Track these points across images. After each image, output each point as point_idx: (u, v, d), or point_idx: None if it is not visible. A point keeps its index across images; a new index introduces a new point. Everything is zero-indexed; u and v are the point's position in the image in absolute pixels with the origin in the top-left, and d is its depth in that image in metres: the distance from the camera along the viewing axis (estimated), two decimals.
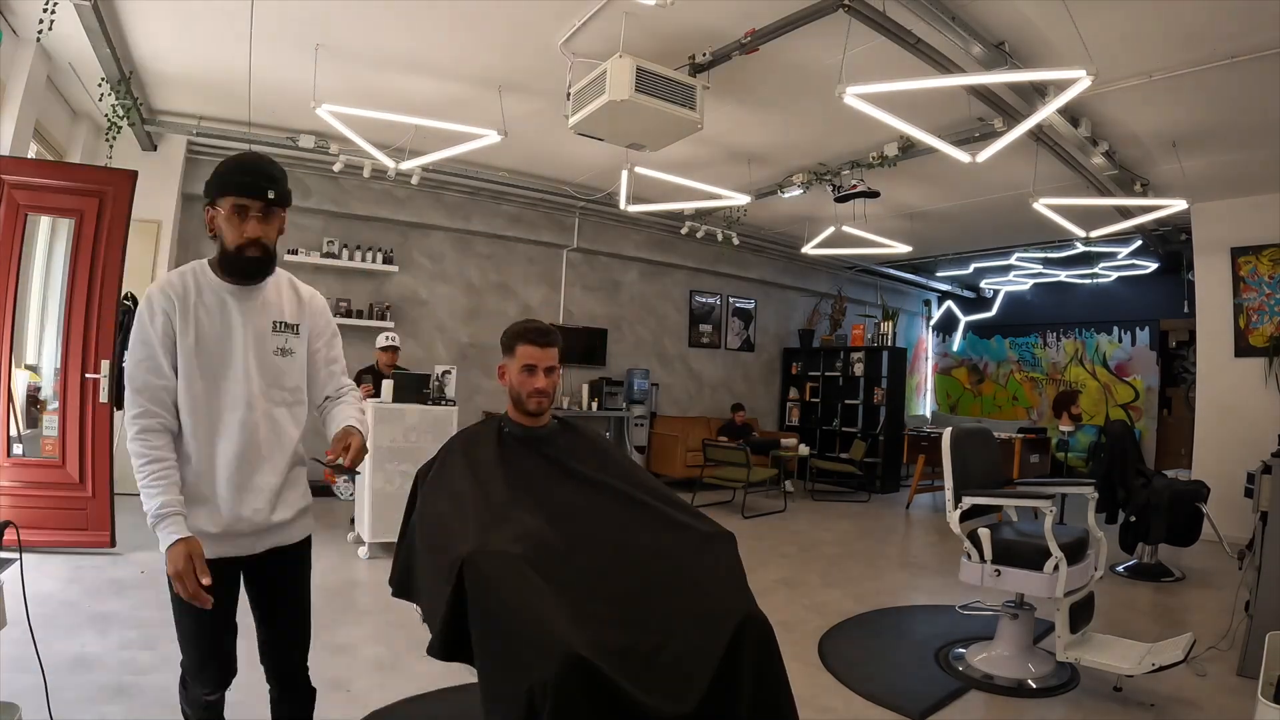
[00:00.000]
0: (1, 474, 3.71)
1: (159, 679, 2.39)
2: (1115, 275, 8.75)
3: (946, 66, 3.60)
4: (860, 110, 3.49)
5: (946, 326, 11.11)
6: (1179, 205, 5.07)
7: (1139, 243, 7.26)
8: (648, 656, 1.34)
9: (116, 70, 4.08)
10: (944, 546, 5.31)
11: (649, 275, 8.28)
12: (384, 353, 5.02)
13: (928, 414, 10.97)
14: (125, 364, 1.45)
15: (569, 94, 3.91)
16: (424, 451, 1.93)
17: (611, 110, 3.60)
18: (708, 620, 1.42)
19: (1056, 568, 2.61)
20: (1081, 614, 2.79)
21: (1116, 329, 9.11)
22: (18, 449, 3.81)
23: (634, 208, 5.95)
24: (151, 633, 2.78)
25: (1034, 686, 2.71)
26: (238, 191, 1.44)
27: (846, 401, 8.82)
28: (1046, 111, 3.68)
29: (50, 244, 4.62)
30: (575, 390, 7.55)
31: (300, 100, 4.39)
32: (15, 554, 1.53)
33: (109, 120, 4.41)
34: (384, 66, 4.31)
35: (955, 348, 10.94)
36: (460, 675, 1.53)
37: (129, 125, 4.64)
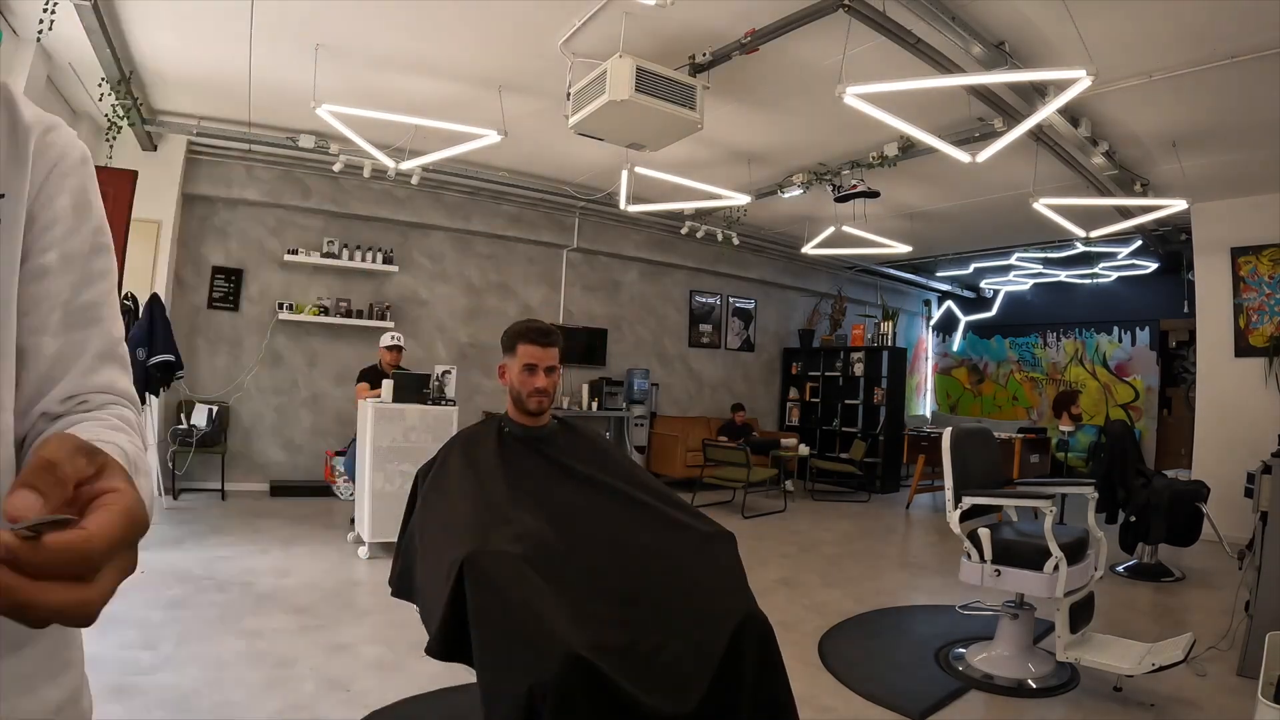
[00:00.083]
0: None
1: (159, 679, 2.39)
2: (1115, 275, 8.74)
3: (946, 66, 3.60)
4: (860, 110, 3.49)
5: (946, 326, 11.11)
6: (1179, 205, 5.07)
7: (1139, 243, 7.26)
8: (648, 656, 1.34)
9: (116, 70, 4.08)
10: (944, 546, 5.31)
11: (649, 275, 8.28)
12: (389, 351, 5.04)
13: (928, 414, 10.97)
14: None
15: (569, 94, 3.91)
16: (424, 451, 1.93)
17: (611, 110, 3.60)
18: (708, 620, 1.42)
19: (1056, 568, 2.61)
20: (1081, 614, 2.79)
21: (1116, 329, 9.11)
22: None
23: (634, 208, 5.95)
24: (151, 633, 2.78)
25: (1034, 686, 2.71)
26: None
27: (846, 401, 8.82)
28: (1046, 111, 3.68)
29: None
30: (575, 390, 7.55)
31: (300, 100, 4.39)
32: None
33: (109, 120, 4.41)
34: (384, 66, 4.31)
35: (955, 348, 10.94)
36: (460, 675, 1.53)
37: (129, 125, 4.64)
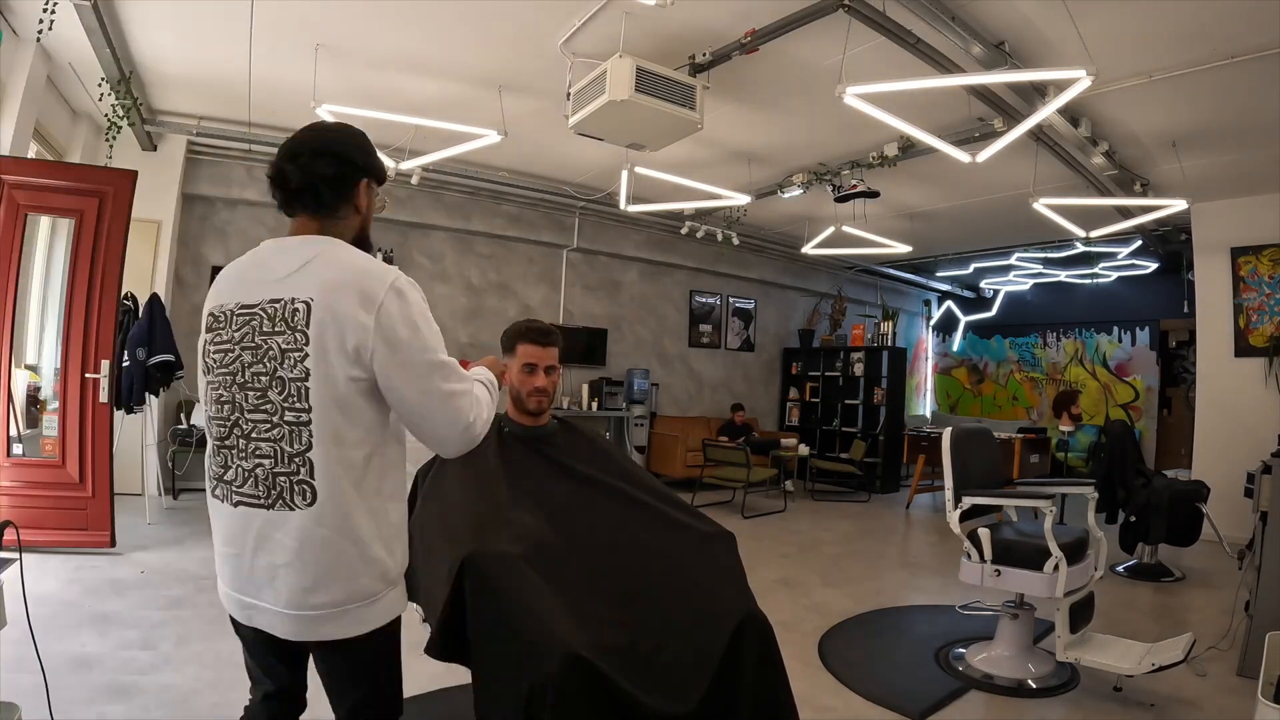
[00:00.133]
0: (1, 474, 3.71)
1: (159, 679, 2.39)
2: (1115, 275, 8.75)
3: (946, 66, 3.60)
4: (860, 110, 3.49)
5: (946, 326, 11.11)
6: (1179, 205, 5.07)
7: (1139, 243, 7.26)
8: (648, 656, 1.34)
9: (116, 70, 4.08)
10: (944, 546, 5.31)
11: (649, 275, 8.28)
12: None
13: (928, 414, 10.97)
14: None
15: (569, 94, 3.91)
16: (424, 451, 1.92)
17: (611, 110, 3.60)
18: (708, 620, 1.42)
19: (1056, 568, 2.61)
20: (1081, 614, 2.79)
21: (1116, 329, 9.11)
22: (18, 449, 3.81)
23: (634, 208, 5.95)
24: (151, 633, 2.78)
25: (1034, 686, 2.71)
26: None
27: (846, 401, 8.81)
28: (1046, 111, 3.68)
29: (50, 244, 4.62)
30: (575, 390, 7.54)
31: (300, 100, 4.39)
32: (15, 554, 1.53)
33: (109, 120, 4.41)
34: (384, 66, 4.31)
35: (955, 348, 10.94)
36: (460, 675, 1.53)
37: (129, 125, 4.64)
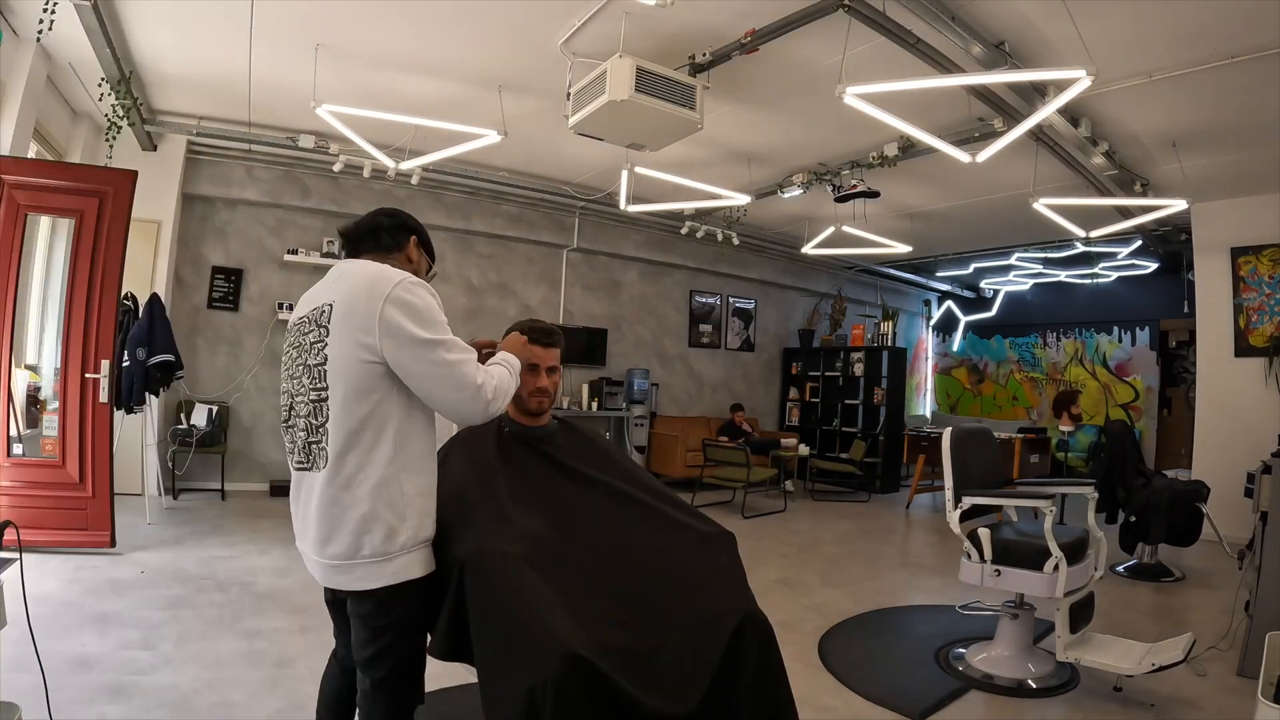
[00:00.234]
0: (1, 474, 3.71)
1: (159, 679, 2.39)
2: (1115, 275, 8.75)
3: (946, 66, 3.60)
4: (860, 110, 3.49)
5: (946, 326, 11.11)
6: (1179, 205, 5.07)
7: (1139, 243, 7.26)
8: (648, 656, 1.34)
9: (116, 70, 4.08)
10: (944, 546, 5.31)
11: (649, 275, 8.28)
12: None
13: (928, 414, 10.97)
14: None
15: (569, 94, 3.91)
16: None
17: (611, 110, 3.60)
18: (708, 620, 1.42)
19: (1056, 568, 2.62)
20: (1081, 614, 2.79)
21: (1116, 329, 9.11)
22: (18, 449, 3.81)
23: (634, 208, 5.95)
24: (151, 633, 2.78)
25: (1034, 686, 2.71)
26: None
27: (846, 401, 8.82)
28: (1046, 111, 3.68)
29: (50, 244, 4.62)
30: (575, 390, 7.54)
31: (300, 100, 4.39)
32: (15, 554, 1.54)
33: (109, 120, 4.41)
34: (384, 66, 4.31)
35: (955, 348, 10.94)
36: (460, 675, 1.53)
37: (129, 125, 4.64)
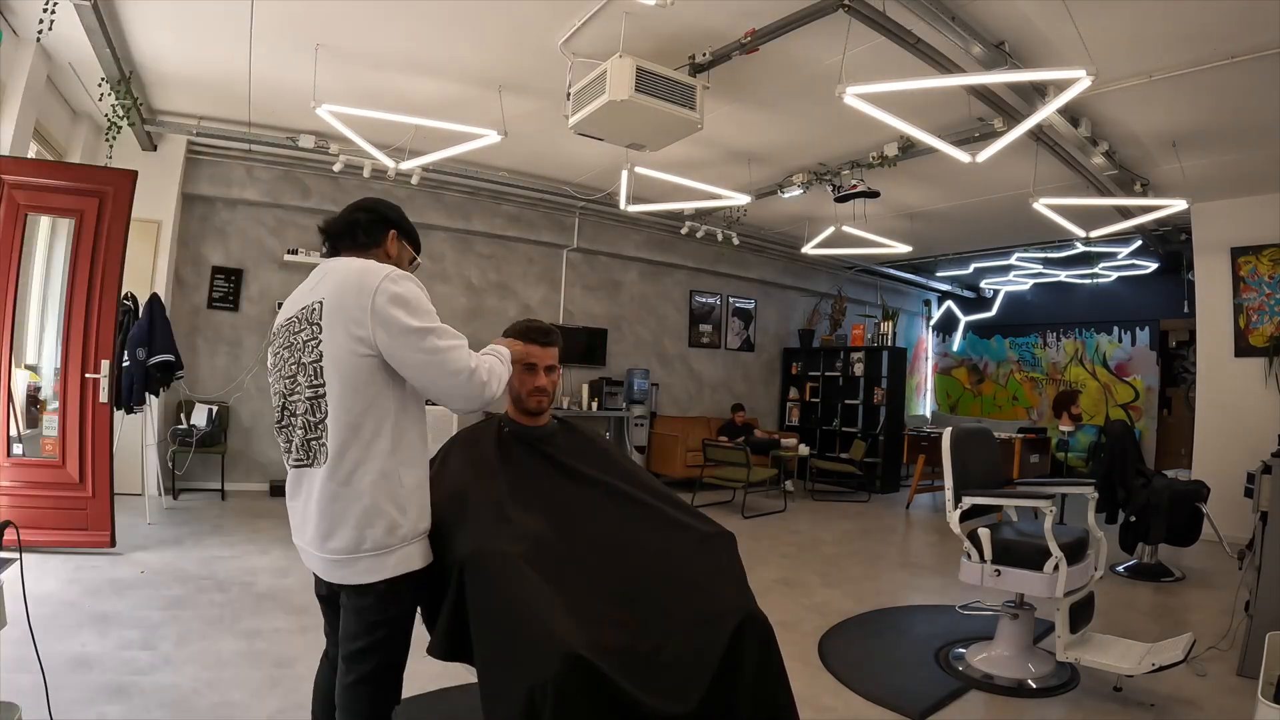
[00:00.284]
0: (1, 474, 3.71)
1: (159, 679, 2.39)
2: (1115, 275, 8.74)
3: (946, 66, 3.60)
4: (860, 110, 3.49)
5: (946, 326, 11.11)
6: (1179, 205, 5.07)
7: (1139, 243, 7.26)
8: (648, 656, 1.34)
9: (116, 70, 4.08)
10: (944, 546, 5.31)
11: (649, 275, 8.28)
12: None
13: (928, 414, 10.97)
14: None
15: (569, 94, 3.91)
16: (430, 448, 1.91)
17: (611, 110, 3.60)
18: (708, 620, 1.42)
19: (1056, 568, 2.62)
20: (1081, 614, 2.79)
21: (1116, 329, 9.11)
22: (18, 449, 3.81)
23: (634, 208, 5.95)
24: (151, 633, 2.78)
25: (1034, 686, 2.71)
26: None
27: (846, 401, 8.82)
28: (1046, 111, 3.68)
29: (50, 244, 4.62)
30: (575, 390, 7.54)
31: (300, 100, 4.39)
32: (15, 554, 1.54)
33: (109, 120, 4.41)
34: (384, 66, 4.31)
35: (955, 348, 10.94)
36: (460, 675, 1.53)
37: (129, 125, 4.63)
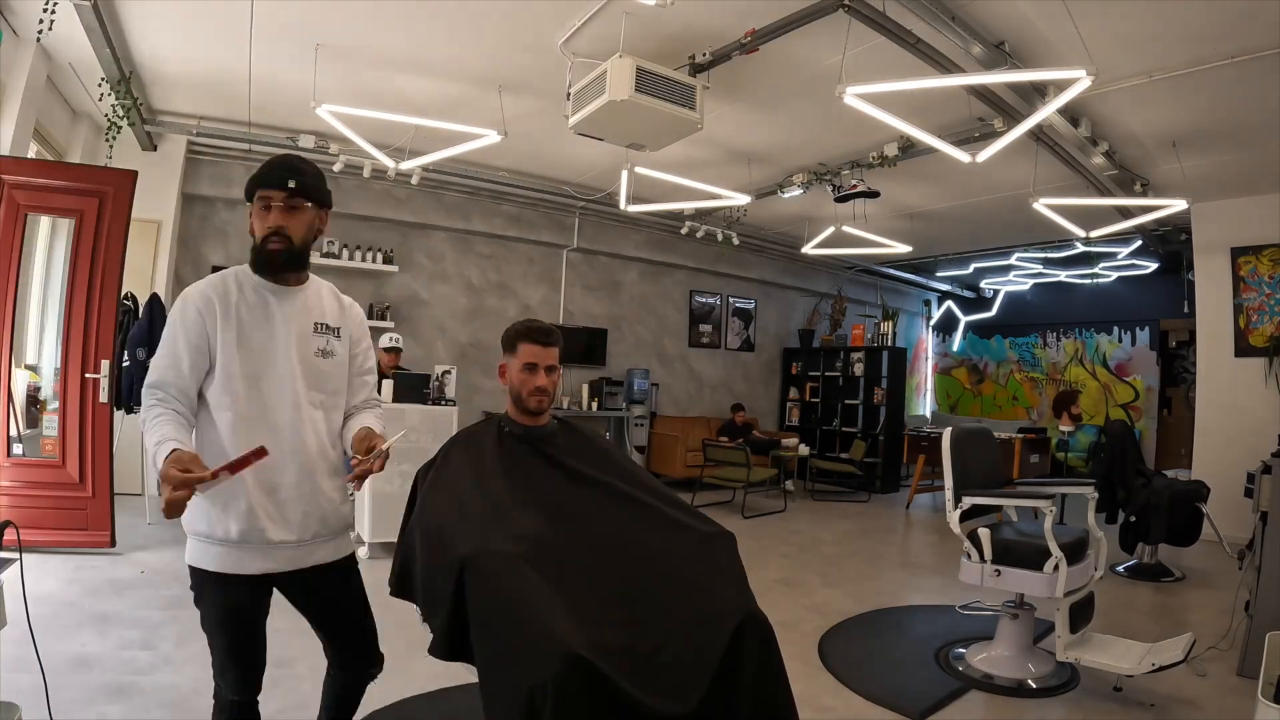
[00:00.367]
0: (1, 474, 3.71)
1: (159, 679, 2.39)
2: (1115, 275, 8.74)
3: (946, 66, 3.60)
4: (860, 110, 3.49)
5: (946, 326, 11.11)
6: (1179, 205, 5.07)
7: (1139, 243, 7.26)
8: (648, 656, 1.34)
9: (116, 70, 4.08)
10: (944, 546, 5.31)
11: (649, 275, 8.28)
12: (387, 354, 5.07)
13: (928, 414, 10.97)
14: (153, 359, 1.46)
15: (569, 94, 3.91)
16: (424, 451, 1.92)
17: (611, 110, 3.60)
18: (708, 620, 1.42)
19: (1056, 568, 2.62)
20: (1081, 614, 2.79)
21: (1116, 329, 9.11)
22: (18, 449, 3.81)
23: (634, 208, 5.95)
24: (151, 633, 2.78)
25: (1034, 686, 2.71)
26: (261, 183, 1.47)
27: (846, 401, 8.82)
28: (1046, 111, 3.68)
29: (50, 244, 4.62)
30: (575, 390, 7.54)
31: (300, 100, 4.39)
32: (15, 554, 1.53)
33: (109, 120, 4.41)
34: (384, 66, 4.31)
35: (955, 348, 10.94)
36: (460, 675, 1.53)
37: (129, 125, 4.63)
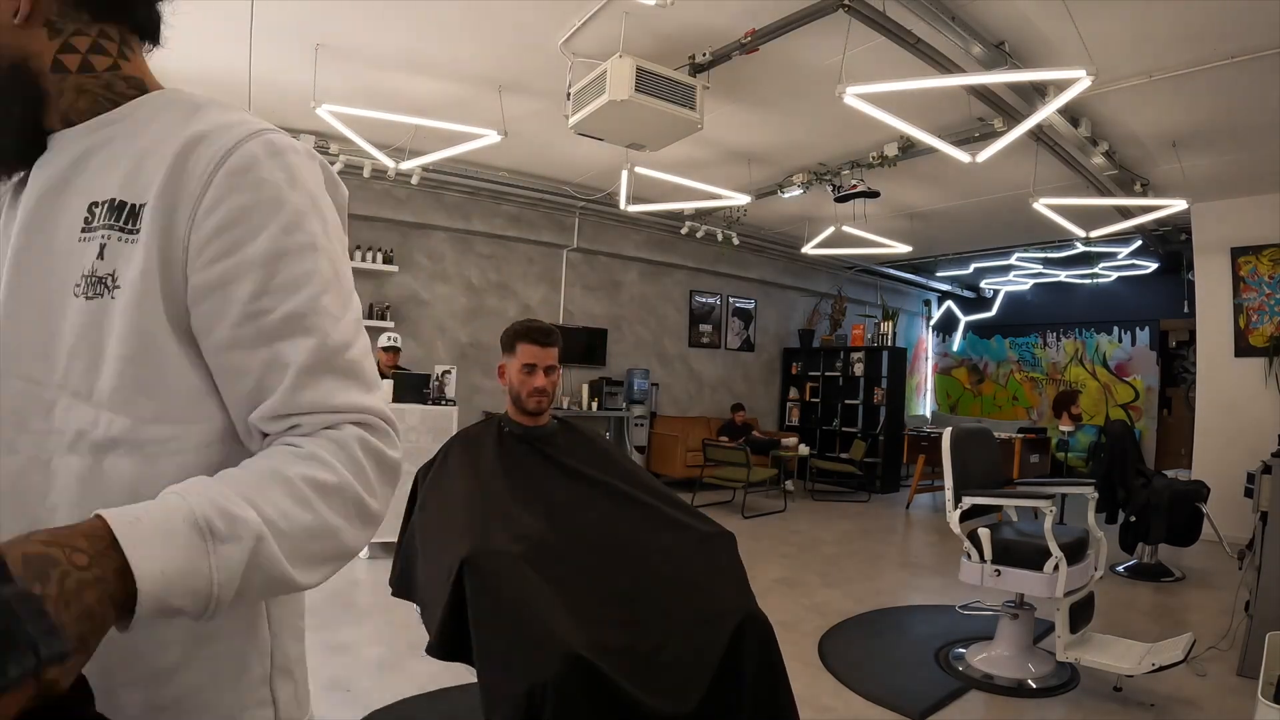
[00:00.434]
0: None
1: None
2: (1115, 275, 8.75)
3: (946, 66, 3.59)
4: (860, 110, 3.49)
5: (946, 326, 11.11)
6: (1179, 205, 5.07)
7: (1139, 243, 7.25)
8: (648, 656, 1.34)
9: None
10: (944, 546, 5.31)
11: (649, 275, 8.28)
12: (386, 353, 5.06)
13: (928, 414, 10.97)
14: None
15: (569, 94, 3.91)
16: (424, 451, 1.92)
17: (611, 110, 3.60)
18: (708, 620, 1.42)
19: (1056, 568, 2.62)
20: (1081, 614, 2.79)
21: (1116, 329, 9.11)
22: None
23: (634, 208, 5.95)
24: None
25: (1034, 686, 2.71)
26: None
27: (846, 401, 8.82)
28: (1046, 111, 3.68)
29: None
30: (575, 390, 7.54)
31: (300, 100, 4.39)
32: None
33: None
34: (384, 66, 4.31)
35: (955, 348, 10.94)
36: (460, 675, 1.53)
37: None
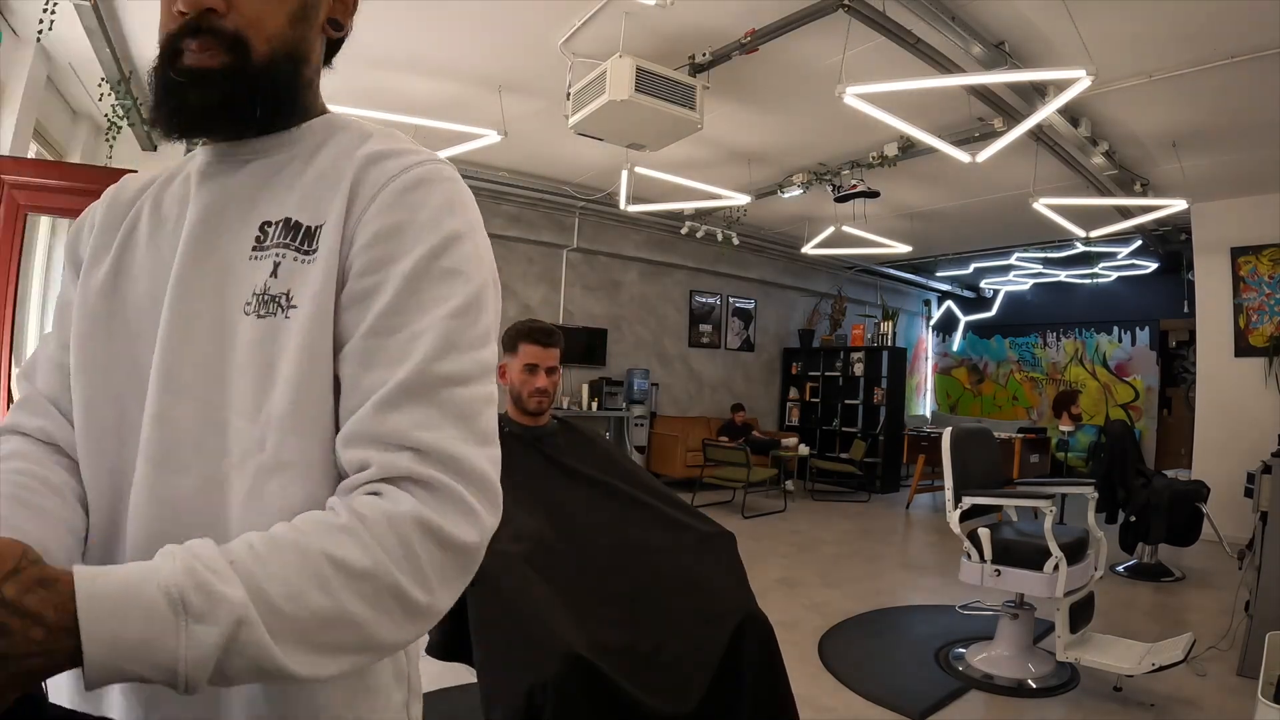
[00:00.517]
0: None
1: None
2: (1115, 275, 8.75)
3: (946, 66, 3.60)
4: (860, 110, 3.49)
5: (946, 326, 11.11)
6: (1179, 205, 5.07)
7: (1139, 243, 7.26)
8: (648, 656, 1.34)
9: (116, 70, 4.08)
10: (944, 546, 5.31)
11: (649, 275, 8.28)
12: None
13: (928, 414, 10.97)
14: None
15: (569, 94, 3.91)
16: None
17: (611, 110, 3.60)
18: (708, 620, 1.42)
19: (1056, 568, 2.62)
20: (1081, 614, 2.79)
21: (1116, 329, 9.11)
22: None
23: (634, 208, 5.95)
24: None
25: (1034, 686, 2.71)
26: None
27: (846, 401, 8.82)
28: (1046, 111, 3.69)
29: (50, 244, 4.62)
30: (575, 390, 7.54)
31: None
32: None
33: (109, 120, 4.40)
34: (384, 66, 4.30)
35: (955, 348, 10.94)
36: (460, 675, 1.53)
37: (129, 125, 4.63)
